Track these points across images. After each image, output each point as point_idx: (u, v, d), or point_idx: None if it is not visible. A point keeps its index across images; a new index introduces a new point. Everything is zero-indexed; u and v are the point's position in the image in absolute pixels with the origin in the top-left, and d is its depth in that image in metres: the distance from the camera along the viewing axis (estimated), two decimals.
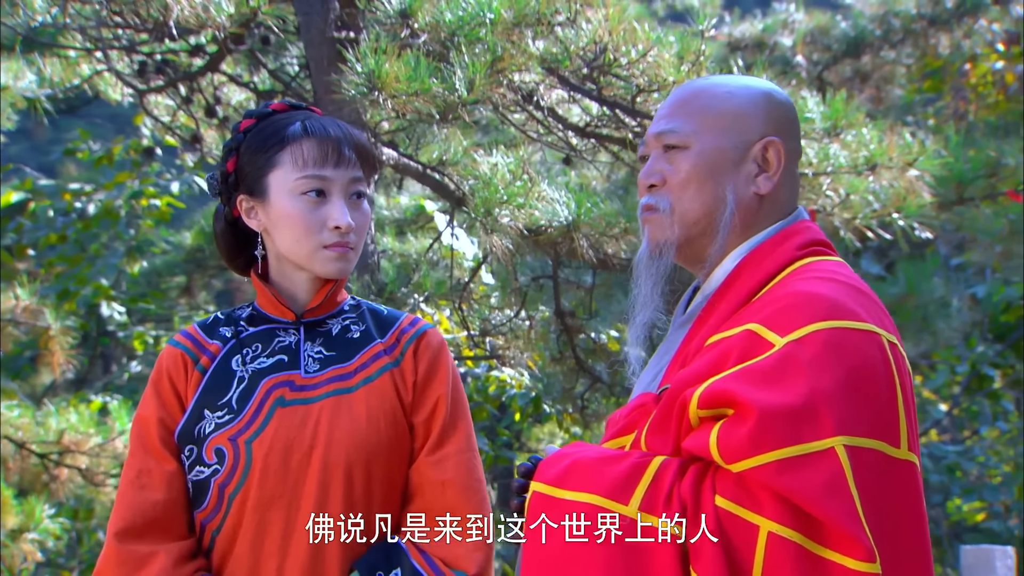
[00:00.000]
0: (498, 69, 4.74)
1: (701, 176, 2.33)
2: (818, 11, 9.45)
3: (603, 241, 5.51)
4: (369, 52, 4.49)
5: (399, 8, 4.77)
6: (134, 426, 2.62)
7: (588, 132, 5.62)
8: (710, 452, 2.04)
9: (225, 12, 4.72)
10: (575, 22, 4.91)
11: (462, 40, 4.71)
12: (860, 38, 9.04)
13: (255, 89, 6.44)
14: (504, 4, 4.76)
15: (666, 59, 4.91)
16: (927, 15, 8.94)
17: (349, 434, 2.52)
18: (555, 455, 2.24)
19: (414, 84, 4.53)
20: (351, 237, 2.54)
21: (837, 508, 1.94)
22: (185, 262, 10.18)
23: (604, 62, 4.88)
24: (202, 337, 2.66)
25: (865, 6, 9.18)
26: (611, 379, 6.58)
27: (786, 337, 2.07)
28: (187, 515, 2.56)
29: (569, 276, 6.44)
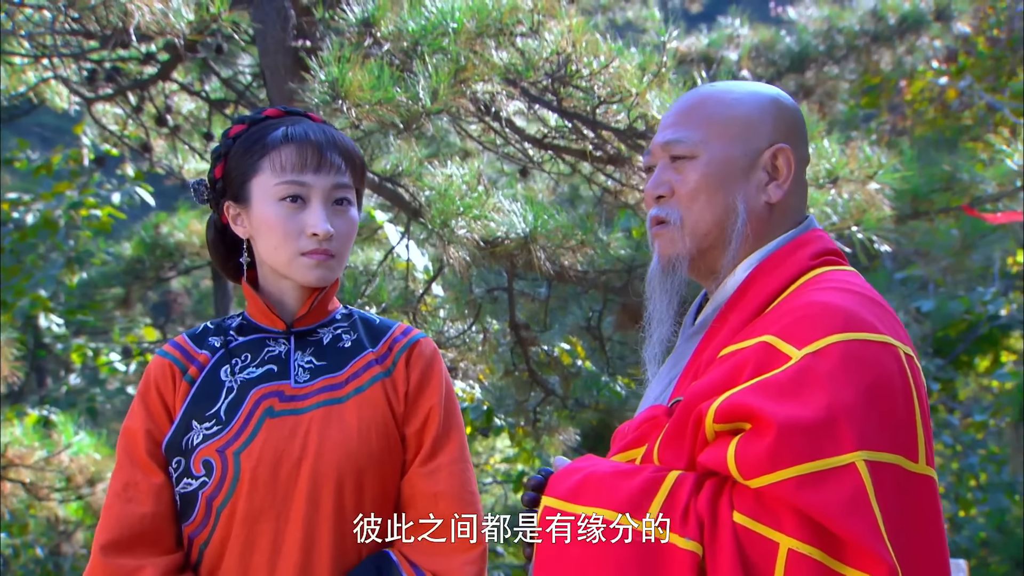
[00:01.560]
0: (461, 79, 4.71)
1: (711, 186, 2.30)
2: (763, 26, 9.50)
3: (560, 253, 5.49)
4: (332, 60, 4.45)
5: (362, 17, 4.73)
6: (121, 438, 2.57)
7: (546, 144, 5.60)
8: (728, 467, 2.01)
9: (184, 19, 4.65)
10: (537, 33, 4.89)
11: (425, 49, 4.68)
12: (804, 53, 9.09)
13: (207, 98, 6.37)
14: (467, 14, 4.74)
15: (628, 70, 4.90)
16: (870, 31, 9.00)
17: (339, 445, 2.48)
18: (567, 468, 2.21)
19: (377, 93, 4.49)
20: (333, 244, 2.50)
21: (859, 525, 1.91)
22: (123, 273, 10.05)
23: (566, 73, 4.86)
24: (190, 347, 2.62)
25: (809, 22, 9.23)
26: (564, 392, 6.57)
27: (803, 349, 2.04)
28: (175, 528, 2.51)
29: (524, 288, 6.42)
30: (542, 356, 6.53)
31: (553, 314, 6.56)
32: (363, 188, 2.64)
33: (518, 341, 6.28)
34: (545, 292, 6.37)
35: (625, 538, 2.04)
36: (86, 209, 9.67)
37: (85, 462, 6.57)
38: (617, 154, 5.23)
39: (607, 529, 2.06)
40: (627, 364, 7.10)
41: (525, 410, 6.66)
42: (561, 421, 6.68)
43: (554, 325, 6.56)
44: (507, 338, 6.38)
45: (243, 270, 2.61)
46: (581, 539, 2.09)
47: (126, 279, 10.08)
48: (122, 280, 10.13)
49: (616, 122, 5.04)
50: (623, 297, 6.17)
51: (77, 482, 6.61)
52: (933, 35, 9.02)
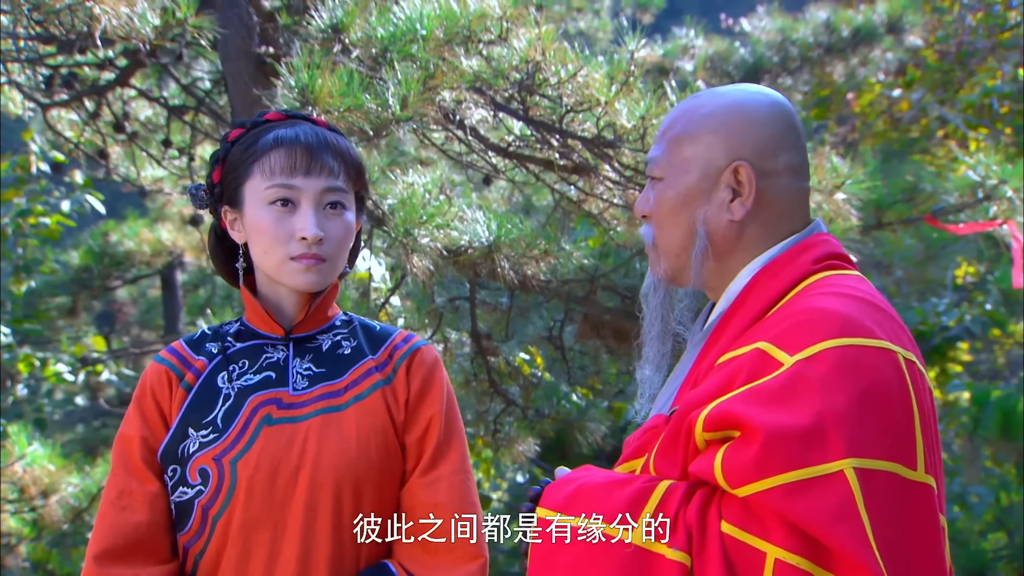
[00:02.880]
0: (430, 87, 4.68)
1: (673, 209, 2.30)
2: (717, 37, 9.52)
3: (523, 262, 5.47)
4: (302, 66, 4.40)
5: (330, 23, 4.69)
6: (116, 445, 2.53)
7: (510, 152, 5.57)
8: (715, 476, 1.99)
9: (150, 24, 4.58)
10: (506, 40, 4.87)
11: (394, 56, 4.65)
12: (758, 64, 9.11)
13: (166, 104, 6.30)
14: (435, 21, 4.71)
15: (596, 79, 4.89)
16: (824, 43, 9.04)
17: (338, 454, 2.44)
18: (562, 479, 2.20)
19: (347, 100, 4.44)
20: (324, 248, 2.46)
21: (846, 534, 1.89)
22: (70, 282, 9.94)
23: (534, 81, 4.84)
24: (187, 353, 2.58)
25: (763, 33, 9.27)
26: (524, 402, 6.55)
27: (795, 356, 2.02)
28: (170, 538, 2.48)
29: (485, 298, 6.39)
30: (502, 366, 6.50)
31: (514, 324, 6.53)
32: (364, 191, 2.59)
33: (479, 351, 6.25)
34: (507, 302, 6.34)
35: (615, 548, 2.03)
36: (35, 217, 9.54)
37: (39, 473, 6.47)
38: (584, 163, 5.21)
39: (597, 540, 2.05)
40: (587, 374, 7.09)
41: (485, 420, 6.62)
42: (521, 431, 6.65)
43: (515, 335, 6.53)
44: (467, 348, 6.34)
45: (248, 276, 2.57)
46: (572, 549, 2.07)
47: (73, 288, 9.97)
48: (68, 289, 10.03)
49: (583, 131, 5.03)
50: (586, 307, 6.16)
51: (31, 493, 6.50)
52: (886, 47, 9.08)
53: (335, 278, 2.55)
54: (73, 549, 8.01)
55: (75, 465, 6.65)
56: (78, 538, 7.41)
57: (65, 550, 8.01)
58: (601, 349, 6.61)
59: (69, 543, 7.87)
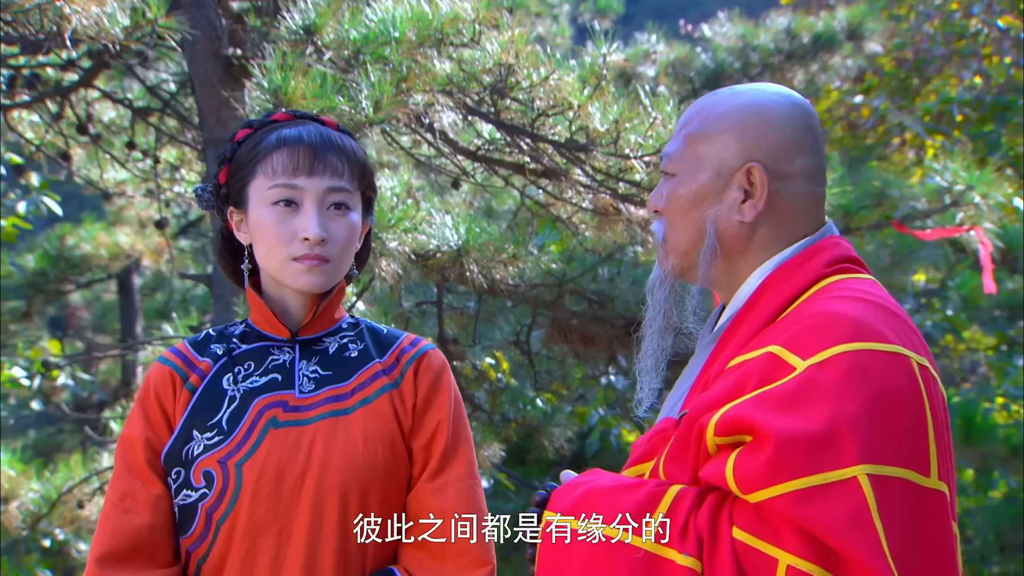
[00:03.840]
0: (403, 89, 4.65)
1: (684, 206, 2.28)
2: (678, 43, 9.54)
3: (491, 266, 5.46)
4: (275, 68, 4.36)
5: (303, 24, 4.66)
6: (119, 446, 2.49)
7: (479, 156, 5.55)
8: (727, 481, 1.97)
9: (119, 24, 4.53)
10: (478, 43, 4.85)
11: (367, 58, 4.62)
12: (719, 70, 9.13)
13: (130, 105, 6.24)
14: (408, 23, 4.69)
15: (568, 82, 4.88)
16: (784, 49, 9.08)
17: (344, 458, 2.41)
18: (570, 483, 2.17)
19: (320, 102, 4.41)
20: (327, 249, 2.43)
21: (859, 541, 1.86)
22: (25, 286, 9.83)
23: (506, 85, 4.82)
24: (192, 354, 2.54)
25: (724, 39, 9.29)
26: (490, 407, 6.53)
27: (808, 360, 1.99)
28: (172, 541, 2.44)
29: (453, 302, 6.36)
30: (468, 371, 6.48)
31: (481, 328, 6.51)
32: (372, 192, 2.56)
33: (446, 355, 6.22)
34: (474, 306, 6.32)
35: (624, 553, 2.00)
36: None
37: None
38: (554, 167, 5.20)
39: (606, 544, 2.02)
40: (554, 379, 7.08)
41: None
42: (487, 437, 6.62)
43: (481, 340, 6.51)
44: None
45: (253, 277, 2.54)
46: (581, 554, 2.05)
47: (28, 292, 9.87)
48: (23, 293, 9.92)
49: (554, 134, 5.02)
50: (553, 311, 6.15)
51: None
52: (846, 54, 9.13)
53: (340, 279, 2.51)
54: (26, 556, 7.92)
55: (35, 471, 6.57)
56: (32, 544, 7.33)
57: (17, 558, 7.91)
58: (568, 354, 6.60)
59: (22, 550, 7.79)
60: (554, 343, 6.45)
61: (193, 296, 12.35)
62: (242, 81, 5.58)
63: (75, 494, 6.52)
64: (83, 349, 13.56)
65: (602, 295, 6.19)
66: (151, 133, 6.61)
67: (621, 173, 4.92)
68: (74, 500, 6.51)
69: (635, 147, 4.76)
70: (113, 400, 9.78)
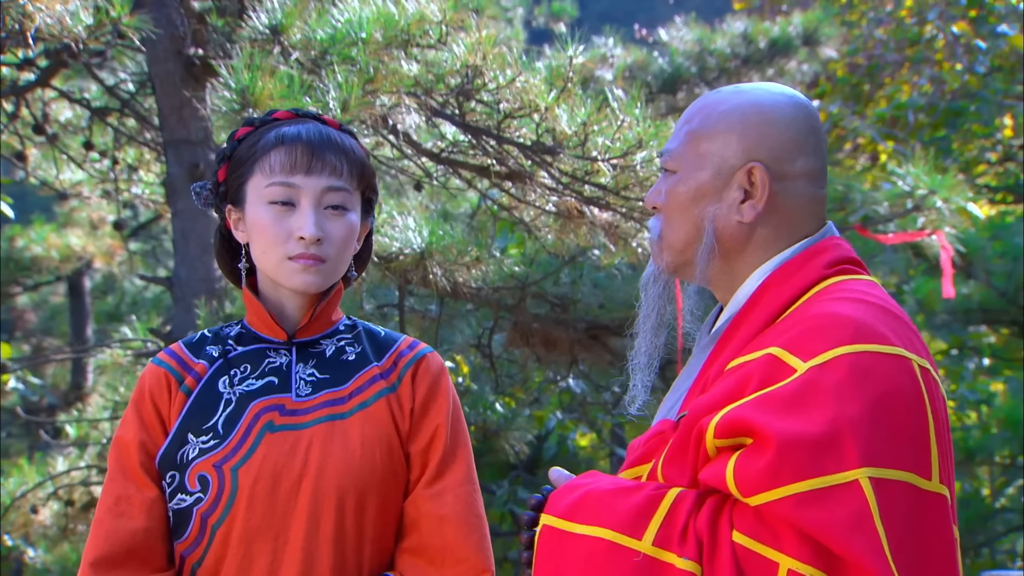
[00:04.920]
0: (370, 90, 4.62)
1: (684, 204, 2.24)
2: (635, 47, 9.56)
3: (454, 269, 5.44)
4: (243, 68, 4.32)
5: (269, 24, 4.62)
6: (113, 449, 2.45)
7: (443, 158, 5.53)
8: (727, 484, 1.94)
9: (82, 23, 4.47)
10: (446, 44, 4.83)
11: (334, 59, 4.58)
12: (676, 74, 9.16)
13: (88, 105, 6.16)
14: (374, 24, 4.66)
15: (534, 84, 4.86)
16: (741, 54, 9.13)
17: (342, 463, 2.37)
18: (567, 486, 2.14)
19: (288, 103, 4.37)
20: (322, 249, 2.39)
21: (861, 545, 1.84)
22: None
23: (473, 86, 4.80)
24: (187, 356, 2.50)
25: (681, 43, 9.32)
26: None
27: (809, 362, 1.97)
28: (167, 546, 2.40)
29: (414, 305, 6.33)
30: None
31: (442, 331, 6.48)
32: (372, 193, 2.53)
33: None
34: (435, 309, 6.29)
35: (623, 557, 1.97)
36: None
37: None
38: (519, 169, 5.18)
39: (605, 548, 2.00)
40: (514, 382, 7.07)
41: None
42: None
43: (443, 343, 6.48)
44: None
45: (250, 277, 2.50)
46: (579, 557, 2.02)
47: None
48: None
49: (519, 136, 5.00)
50: (515, 315, 6.13)
51: None
52: (801, 59, 9.18)
53: (336, 281, 2.47)
54: None
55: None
56: None
57: None
58: (530, 357, 6.59)
59: None
60: (515, 346, 6.44)
61: (144, 299, 12.23)
62: (204, 81, 5.53)
63: (29, 499, 6.44)
64: (30, 352, 13.41)
65: (564, 298, 6.19)
66: (108, 133, 6.53)
67: (587, 176, 4.91)
68: (27, 505, 6.43)
69: (602, 149, 4.75)
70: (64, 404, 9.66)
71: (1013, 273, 8.44)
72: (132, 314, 10.82)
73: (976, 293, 8.75)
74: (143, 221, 10.54)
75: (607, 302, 6.18)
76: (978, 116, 10.23)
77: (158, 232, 12.02)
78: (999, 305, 8.75)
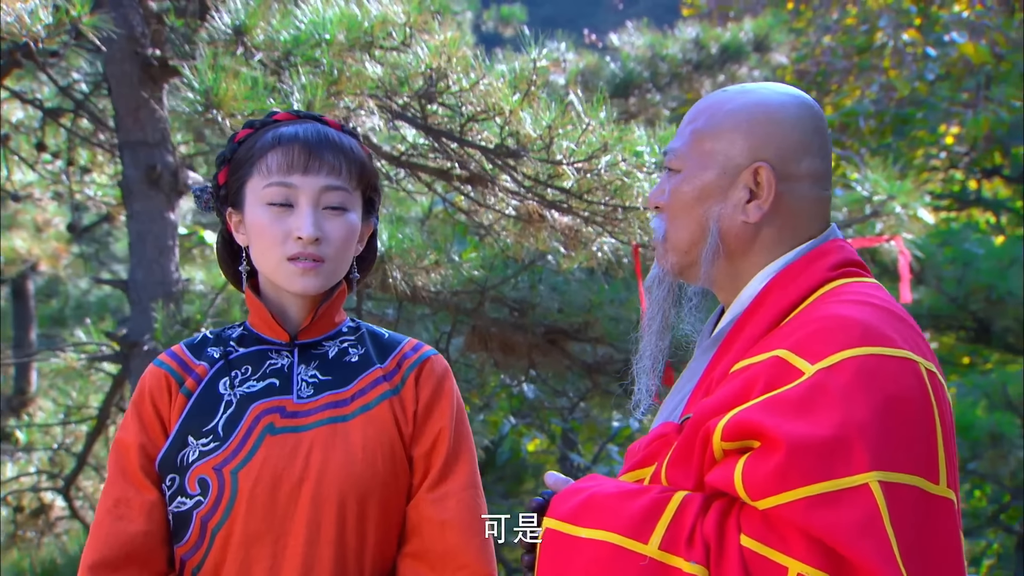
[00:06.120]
0: (334, 92, 4.58)
1: (688, 203, 2.23)
2: (587, 52, 9.56)
3: (414, 273, 5.41)
4: (206, 69, 4.27)
5: (233, 25, 4.56)
6: (113, 451, 2.41)
7: (402, 161, 5.49)
8: (735, 487, 1.92)
9: (41, 22, 4.40)
10: (410, 47, 4.80)
11: (298, 60, 4.54)
12: (628, 79, 9.16)
13: (40, 106, 6.07)
14: (338, 26, 4.62)
15: (497, 88, 4.84)
16: (692, 60, 9.14)
17: (343, 466, 2.34)
18: (569, 489, 2.11)
19: (252, 104, 4.32)
20: (321, 249, 2.36)
21: (871, 549, 1.83)
22: None
23: (437, 89, 4.77)
24: (188, 357, 2.46)
25: (632, 49, 9.32)
26: None
27: (816, 364, 1.95)
28: (167, 549, 2.37)
29: (372, 309, 6.29)
30: None
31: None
32: (374, 194, 2.49)
33: None
34: (393, 313, 6.25)
35: (629, 561, 1.95)
36: None
37: None
38: (481, 172, 5.16)
39: (610, 552, 1.97)
40: (471, 387, 7.03)
41: None
42: None
43: None
44: None
45: (243, 279, 2.47)
46: (583, 562, 2.00)
47: None
48: None
49: (482, 140, 4.97)
50: (473, 319, 6.11)
51: None
52: (752, 65, 9.22)
53: (337, 281, 2.44)
54: None
55: None
56: None
57: None
58: (487, 361, 6.56)
59: None
60: (473, 351, 6.41)
61: (88, 302, 12.09)
62: (161, 82, 5.47)
63: None
64: None
65: (522, 303, 6.17)
66: (61, 135, 6.44)
67: (551, 179, 4.89)
68: None
69: (567, 153, 4.74)
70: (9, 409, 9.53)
71: (963, 279, 8.52)
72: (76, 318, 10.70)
73: (927, 299, 8.82)
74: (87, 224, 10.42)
75: (565, 307, 6.16)
76: (925, 123, 10.32)
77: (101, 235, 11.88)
78: (949, 311, 8.82)
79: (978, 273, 8.54)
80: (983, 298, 8.51)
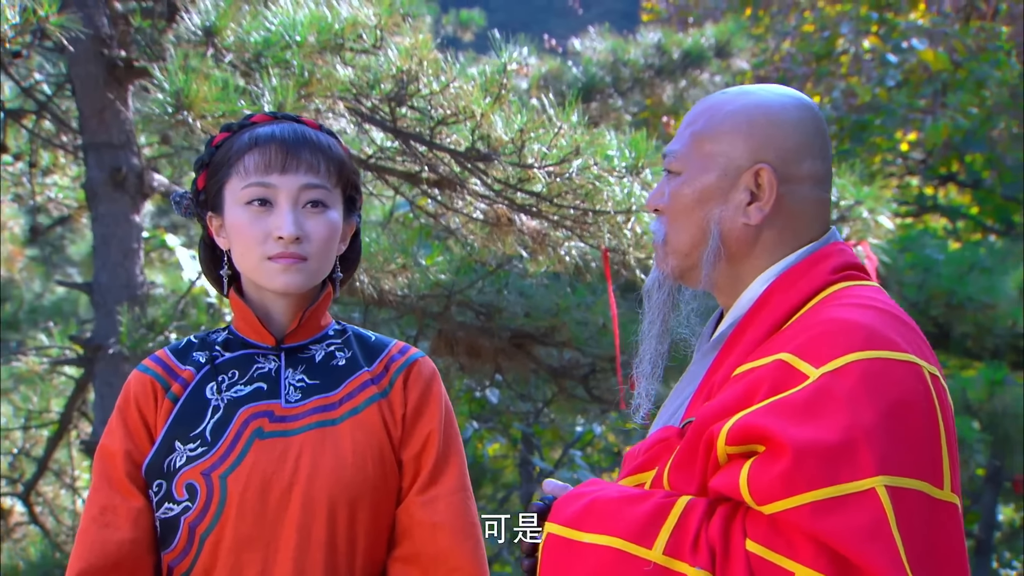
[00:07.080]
0: (304, 94, 4.55)
1: (689, 206, 2.22)
2: (549, 56, 9.55)
3: (381, 277, 5.38)
4: (176, 70, 4.23)
5: (203, 26, 4.53)
6: (97, 458, 2.38)
7: (370, 164, 5.46)
8: (740, 492, 1.91)
9: (8, 21, 4.35)
10: (380, 49, 4.77)
11: (269, 62, 4.51)
12: (591, 84, 9.15)
13: (1, 107, 6.00)
14: (308, 28, 4.59)
15: (468, 91, 4.82)
16: (655, 65, 9.15)
17: (333, 470, 2.32)
18: (571, 494, 2.09)
19: (222, 106, 4.29)
20: (303, 248, 2.33)
21: (879, 554, 1.82)
22: None
23: (407, 92, 4.75)
24: (173, 362, 2.43)
25: (595, 53, 9.32)
26: None
27: (821, 368, 1.94)
28: (154, 557, 2.34)
29: (338, 312, 6.26)
30: None
31: None
32: (355, 192, 2.47)
33: None
34: (359, 317, 6.22)
35: (633, 566, 1.94)
36: None
37: None
38: (450, 176, 5.13)
39: (614, 557, 1.96)
40: None
41: None
42: None
43: None
44: None
45: (235, 283, 2.44)
46: (586, 567, 1.98)
47: None
48: None
49: (451, 143, 4.95)
50: (440, 323, 6.08)
51: None
52: (714, 71, 9.24)
53: (319, 280, 2.42)
54: None
55: None
56: None
57: None
58: (453, 365, 6.53)
59: None
60: (440, 355, 6.38)
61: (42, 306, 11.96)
62: (127, 83, 5.42)
63: None
64: None
65: (489, 307, 6.15)
66: (23, 136, 6.37)
67: (521, 183, 4.87)
68: None
69: (539, 156, 4.72)
70: None
71: (924, 284, 8.56)
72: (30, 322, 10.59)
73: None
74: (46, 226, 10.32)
75: (532, 311, 6.15)
76: (883, 129, 10.37)
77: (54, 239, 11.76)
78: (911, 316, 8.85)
79: (938, 278, 8.58)
80: (943, 303, 8.55)
